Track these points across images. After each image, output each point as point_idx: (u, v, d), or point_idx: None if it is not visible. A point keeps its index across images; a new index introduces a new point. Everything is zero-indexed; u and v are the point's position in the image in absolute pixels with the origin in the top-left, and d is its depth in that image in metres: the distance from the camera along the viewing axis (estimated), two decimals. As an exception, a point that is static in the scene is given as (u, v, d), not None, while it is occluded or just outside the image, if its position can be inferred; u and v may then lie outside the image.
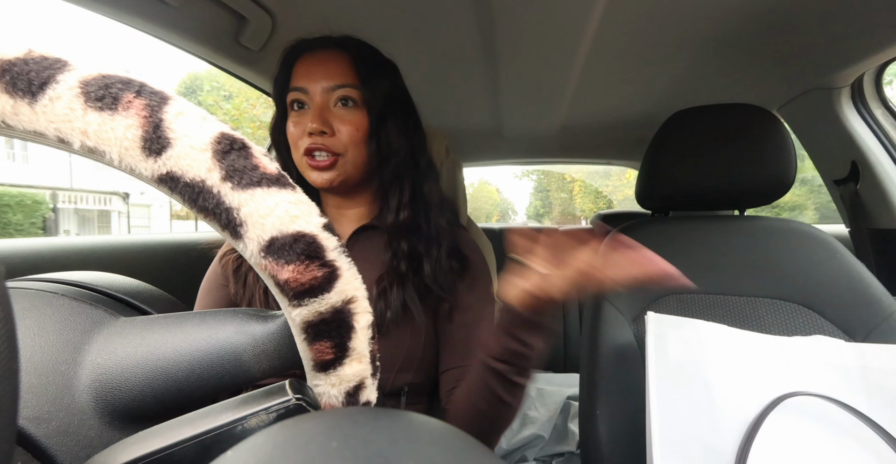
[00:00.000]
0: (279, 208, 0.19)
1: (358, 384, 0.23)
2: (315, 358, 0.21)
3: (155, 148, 0.18)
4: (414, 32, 0.81)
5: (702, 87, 1.08)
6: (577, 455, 1.13)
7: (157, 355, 0.22)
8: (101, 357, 0.22)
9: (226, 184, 0.19)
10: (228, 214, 0.19)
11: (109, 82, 0.19)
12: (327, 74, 0.56)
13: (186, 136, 0.19)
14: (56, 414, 0.20)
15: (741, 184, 0.74)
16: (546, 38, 0.83)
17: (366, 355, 0.22)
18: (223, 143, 0.19)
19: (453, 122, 1.36)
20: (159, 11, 0.67)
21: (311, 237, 0.20)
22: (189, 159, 0.19)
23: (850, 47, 0.84)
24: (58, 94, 0.18)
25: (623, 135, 1.52)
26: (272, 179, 0.20)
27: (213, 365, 0.22)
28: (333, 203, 0.63)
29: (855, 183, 1.04)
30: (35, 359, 0.21)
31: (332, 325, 0.21)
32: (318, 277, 0.20)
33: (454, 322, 0.58)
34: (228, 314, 0.24)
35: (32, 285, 0.25)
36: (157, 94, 0.19)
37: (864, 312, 0.64)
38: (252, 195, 0.19)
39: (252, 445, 0.14)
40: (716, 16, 0.75)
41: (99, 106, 0.18)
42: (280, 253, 0.19)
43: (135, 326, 0.23)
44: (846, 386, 0.52)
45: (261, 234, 0.19)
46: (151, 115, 0.18)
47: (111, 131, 0.18)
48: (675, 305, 0.68)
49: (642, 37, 0.83)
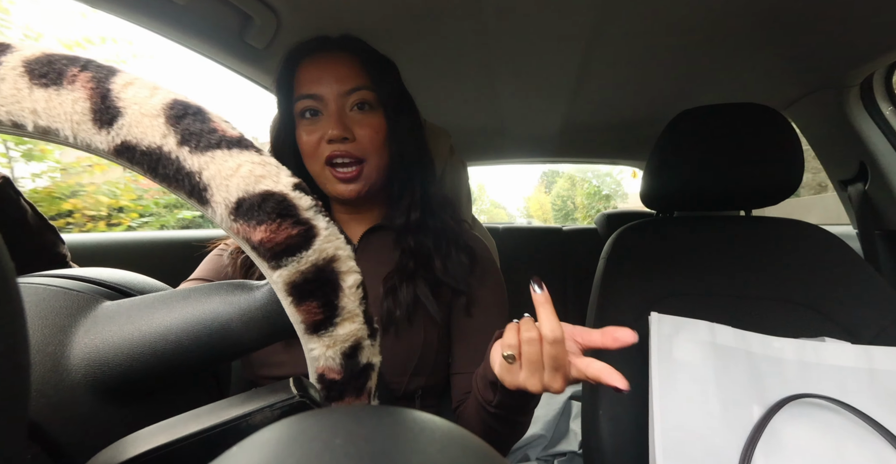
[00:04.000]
0: (242, 169, 0.19)
1: (354, 345, 0.22)
2: (305, 320, 0.21)
3: (106, 118, 0.18)
4: (417, 30, 0.81)
5: (708, 87, 1.07)
6: (579, 455, 1.13)
7: (143, 330, 0.22)
8: (88, 337, 0.22)
9: (183, 148, 0.18)
10: (190, 179, 0.19)
11: (53, 59, 0.18)
12: (339, 78, 0.54)
13: (136, 103, 0.18)
14: (45, 391, 0.20)
15: (748, 184, 0.74)
16: (549, 35, 0.82)
17: (358, 315, 0.22)
18: (176, 108, 0.19)
19: (456, 120, 1.36)
20: (165, 10, 0.68)
21: (280, 196, 0.19)
22: (142, 126, 0.18)
23: (860, 46, 0.83)
24: (2, 76, 0.18)
25: (628, 134, 1.51)
26: (232, 140, 0.19)
27: (201, 336, 0.22)
28: (345, 209, 0.62)
29: (863, 184, 1.03)
30: None
31: (316, 284, 0.20)
32: (293, 236, 0.19)
33: (473, 318, 0.58)
34: (213, 287, 0.24)
35: (24, 279, 0.25)
36: (103, 68, 0.19)
37: (871, 314, 0.63)
38: (212, 157, 0.19)
39: (256, 441, 0.14)
40: (722, 14, 0.75)
41: (44, 82, 0.18)
42: (249, 214, 0.19)
43: (121, 306, 0.24)
44: (852, 389, 0.52)
45: (227, 196, 0.19)
46: (98, 86, 0.18)
47: (59, 106, 0.18)
48: (678, 305, 0.68)
49: (647, 34, 0.82)
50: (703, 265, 0.72)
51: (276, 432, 0.14)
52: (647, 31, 0.81)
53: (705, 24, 0.79)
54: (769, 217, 0.78)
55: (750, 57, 0.91)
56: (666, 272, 0.72)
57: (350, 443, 0.13)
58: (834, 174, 1.12)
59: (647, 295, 0.70)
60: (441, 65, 0.96)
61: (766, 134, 0.73)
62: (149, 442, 0.19)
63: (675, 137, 0.78)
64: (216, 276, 0.58)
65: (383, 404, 0.24)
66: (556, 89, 1.11)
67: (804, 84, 1.02)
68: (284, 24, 0.78)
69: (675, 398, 0.53)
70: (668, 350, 0.56)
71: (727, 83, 1.05)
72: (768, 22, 0.77)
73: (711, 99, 0.80)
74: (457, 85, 1.08)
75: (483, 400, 0.45)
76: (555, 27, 0.79)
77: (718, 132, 0.75)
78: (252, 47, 0.82)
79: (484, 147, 1.72)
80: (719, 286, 0.70)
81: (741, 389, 0.53)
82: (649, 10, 0.74)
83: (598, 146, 1.74)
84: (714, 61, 0.94)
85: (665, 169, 0.78)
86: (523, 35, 0.82)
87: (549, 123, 1.41)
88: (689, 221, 0.79)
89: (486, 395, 0.45)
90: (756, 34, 0.81)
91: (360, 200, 0.58)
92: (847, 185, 1.08)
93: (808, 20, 0.76)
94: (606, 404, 0.65)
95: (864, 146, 1.00)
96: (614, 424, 0.63)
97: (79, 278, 0.25)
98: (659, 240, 0.77)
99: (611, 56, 0.91)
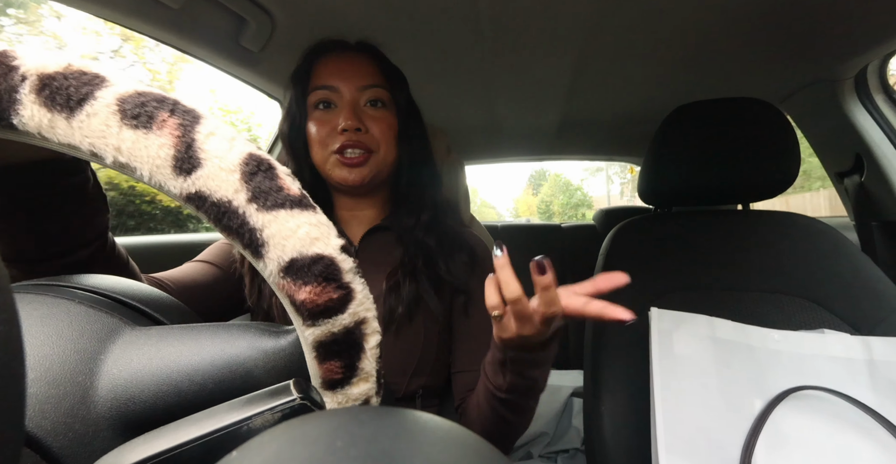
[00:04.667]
0: (301, 230, 0.20)
1: (363, 402, 0.23)
2: (324, 376, 0.22)
3: (186, 167, 0.19)
4: (411, 31, 0.81)
5: (704, 81, 1.07)
6: (581, 452, 1.13)
7: (171, 368, 0.22)
8: (117, 368, 0.22)
9: (251, 205, 0.19)
10: (252, 234, 0.19)
11: (145, 100, 0.19)
12: (357, 74, 0.56)
13: (217, 157, 0.19)
14: (73, 425, 0.20)
15: (745, 178, 0.74)
16: (545, 33, 0.82)
17: (373, 375, 0.23)
18: (251, 164, 0.20)
19: (453, 119, 1.36)
20: (160, 14, 0.68)
21: (329, 259, 0.20)
22: (218, 180, 0.19)
23: (854, 38, 0.83)
24: (95, 111, 0.18)
25: (624, 130, 1.51)
26: (295, 200, 0.20)
27: (224, 380, 0.23)
28: (346, 206, 0.63)
29: (859, 175, 1.03)
30: (54, 369, 0.21)
31: (344, 345, 0.21)
32: (333, 299, 0.20)
33: (471, 317, 0.58)
34: (241, 328, 0.24)
35: (49, 291, 0.25)
36: (189, 113, 0.19)
37: (869, 306, 0.64)
38: (276, 217, 0.19)
39: (257, 445, 0.14)
40: (717, 9, 0.75)
41: (134, 124, 0.18)
42: (299, 274, 0.20)
43: (150, 337, 0.24)
44: (852, 380, 0.52)
45: (281, 255, 0.19)
46: (184, 134, 0.19)
47: (144, 149, 0.19)
48: (679, 300, 0.68)
49: (642, 30, 0.82)
50: (701, 260, 0.72)
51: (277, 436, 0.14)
52: (641, 29, 0.81)
53: (700, 21, 0.79)
54: (766, 210, 0.78)
55: (745, 52, 0.91)
56: (665, 267, 0.72)
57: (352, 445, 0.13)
58: (831, 166, 1.12)
59: (646, 291, 0.70)
60: (437, 64, 0.96)
61: (762, 128, 0.73)
62: (150, 448, 0.19)
63: (671, 133, 0.78)
64: (223, 263, 0.58)
65: (384, 405, 0.24)
66: (552, 87, 1.11)
67: (799, 78, 1.02)
68: (279, 28, 0.78)
69: (676, 393, 0.53)
70: (668, 345, 0.57)
71: (723, 78, 1.05)
72: (763, 16, 0.77)
73: (707, 94, 0.81)
74: (453, 84, 1.08)
75: (494, 387, 0.46)
76: (550, 25, 0.79)
77: (714, 127, 0.75)
78: (248, 50, 0.82)
79: (480, 145, 1.72)
80: (718, 280, 0.70)
81: (742, 382, 0.54)
82: (644, 8, 0.74)
83: (595, 143, 1.74)
84: (709, 57, 0.94)
85: (662, 165, 0.78)
86: (519, 33, 0.82)
87: (546, 121, 1.41)
88: (687, 216, 0.79)
89: (496, 380, 0.46)
90: (750, 29, 0.82)
91: (363, 188, 0.58)
92: (844, 177, 1.08)
93: (801, 14, 0.76)
94: (608, 400, 0.65)
95: (860, 138, 1.00)
96: (616, 420, 0.63)
97: (107, 295, 0.26)
98: (657, 235, 0.77)
99: (606, 53, 0.91)
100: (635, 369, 0.64)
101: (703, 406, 0.52)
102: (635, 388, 0.63)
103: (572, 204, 14.78)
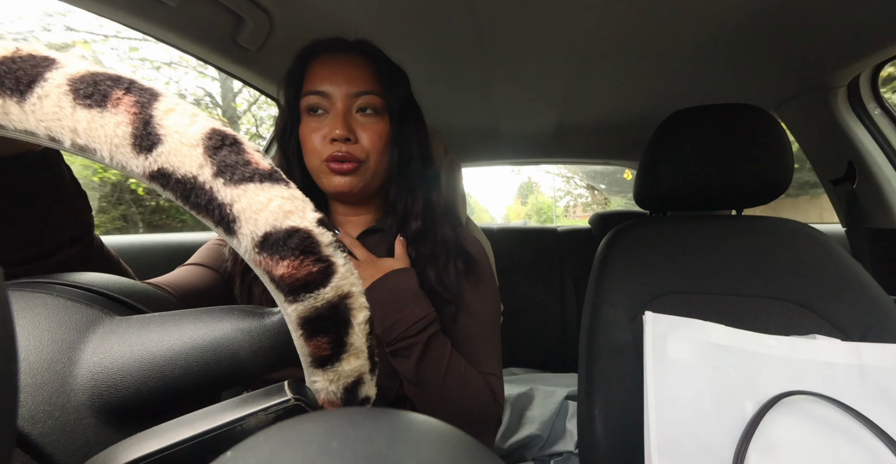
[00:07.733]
0: (272, 203, 0.19)
1: (356, 380, 0.22)
2: (312, 354, 0.21)
3: (145, 145, 0.18)
4: (411, 31, 0.81)
5: (699, 88, 1.08)
6: (575, 455, 1.13)
7: (154, 352, 0.22)
8: (97, 356, 0.22)
9: (218, 180, 0.19)
10: (221, 210, 0.19)
11: (98, 79, 0.18)
12: (350, 79, 0.54)
13: (177, 132, 0.18)
14: (52, 413, 0.20)
15: (738, 184, 0.75)
16: (543, 37, 0.83)
17: (364, 351, 0.22)
18: (214, 138, 0.19)
19: (451, 121, 1.36)
20: (157, 11, 0.67)
21: (305, 232, 0.20)
22: (180, 155, 0.18)
23: (847, 47, 0.85)
24: (46, 92, 0.18)
25: (621, 134, 1.52)
26: (265, 174, 0.20)
27: (209, 363, 0.22)
28: (341, 211, 0.62)
29: (851, 183, 1.05)
30: (30, 358, 0.21)
31: (329, 320, 0.21)
32: (313, 273, 0.20)
33: (459, 325, 0.58)
34: (224, 311, 0.24)
35: (27, 287, 0.24)
36: (146, 91, 0.19)
37: (860, 312, 0.64)
38: (245, 191, 0.19)
39: (251, 445, 0.14)
40: (712, 16, 0.76)
41: (88, 103, 0.18)
42: (274, 248, 0.19)
43: (130, 324, 0.23)
44: (843, 385, 0.52)
45: (254, 229, 0.19)
46: (141, 111, 0.18)
47: (101, 129, 0.18)
48: (672, 304, 0.68)
49: (639, 37, 0.83)
50: (696, 264, 0.73)
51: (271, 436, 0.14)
52: (638, 35, 0.82)
53: (696, 29, 0.80)
54: (760, 216, 0.79)
55: (740, 59, 0.92)
56: (660, 272, 0.72)
57: (347, 446, 0.13)
58: (823, 174, 1.13)
59: (641, 294, 0.70)
60: (435, 66, 0.96)
61: (756, 134, 0.74)
62: (142, 448, 0.19)
63: (666, 138, 0.78)
64: (216, 264, 0.57)
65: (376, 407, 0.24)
66: (550, 91, 1.11)
67: (792, 85, 1.03)
68: (277, 26, 0.78)
69: (669, 397, 0.53)
70: (662, 349, 0.57)
71: (718, 84, 1.06)
72: (757, 24, 0.78)
73: (702, 100, 0.81)
74: (451, 86, 1.08)
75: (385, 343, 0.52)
76: (549, 29, 0.80)
77: (709, 133, 0.75)
78: (245, 49, 0.82)
79: (478, 148, 1.72)
80: (712, 285, 0.70)
81: (734, 386, 0.54)
82: (641, 16, 0.75)
83: (592, 147, 1.75)
84: (705, 64, 0.95)
85: (657, 169, 0.79)
86: (517, 37, 0.83)
87: (543, 124, 1.42)
88: (682, 221, 0.80)
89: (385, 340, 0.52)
90: (745, 36, 0.83)
91: (354, 196, 0.58)
92: (836, 184, 1.09)
93: (795, 23, 0.77)
94: (602, 403, 0.65)
95: (853, 146, 1.01)
96: (610, 423, 0.63)
97: (87, 288, 0.25)
98: (652, 240, 0.78)
99: (603, 59, 0.92)
100: (629, 372, 0.65)
101: (696, 410, 0.52)
102: (629, 391, 0.63)
103: (546, 217, 18.78)
